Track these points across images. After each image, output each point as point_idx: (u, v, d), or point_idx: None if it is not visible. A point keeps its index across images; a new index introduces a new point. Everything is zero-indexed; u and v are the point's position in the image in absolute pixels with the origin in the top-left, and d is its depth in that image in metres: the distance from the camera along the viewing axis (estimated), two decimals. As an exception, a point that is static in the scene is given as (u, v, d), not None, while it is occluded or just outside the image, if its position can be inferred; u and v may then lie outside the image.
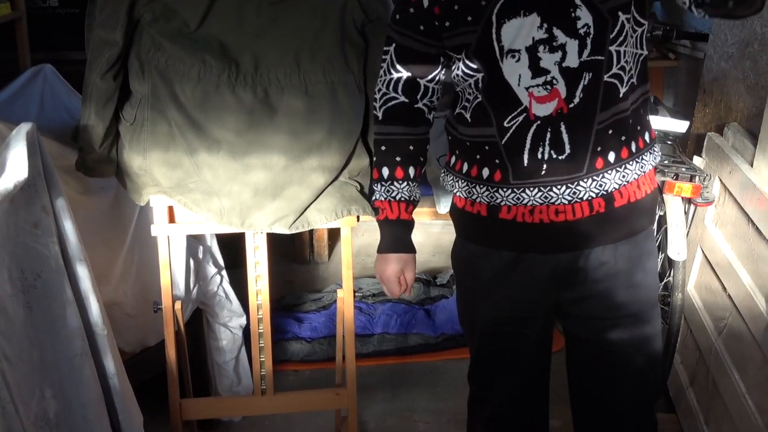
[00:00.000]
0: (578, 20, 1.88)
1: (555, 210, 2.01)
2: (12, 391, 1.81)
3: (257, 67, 2.37)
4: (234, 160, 2.40)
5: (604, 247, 2.06)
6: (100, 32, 2.38)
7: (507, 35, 1.92)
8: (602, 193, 2.00)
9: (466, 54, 1.99)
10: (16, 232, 2.01)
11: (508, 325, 2.20)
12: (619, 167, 2.00)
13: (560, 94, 1.91)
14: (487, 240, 2.14)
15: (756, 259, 2.48)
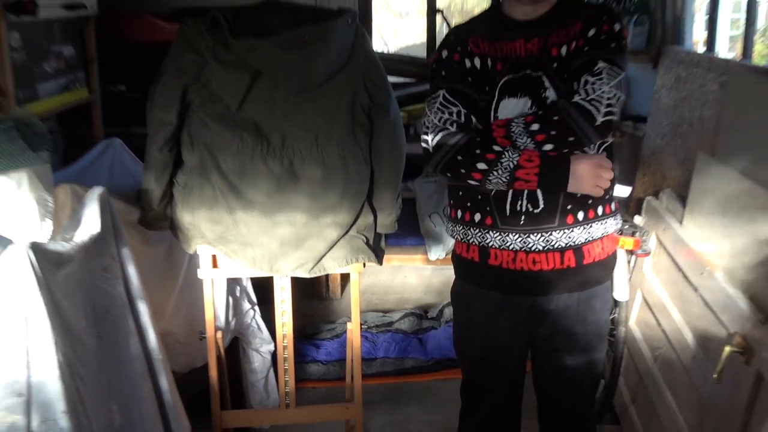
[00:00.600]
0: (547, 100, 1.98)
1: (533, 259, 2.06)
2: (85, 405, 1.84)
3: (284, 142, 2.40)
4: (265, 218, 2.43)
5: (571, 294, 2.12)
6: (158, 113, 2.42)
7: (503, 110, 2.01)
8: (571, 244, 2.05)
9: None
10: (90, 276, 2.05)
11: (494, 352, 2.24)
12: (585, 225, 2.05)
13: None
14: (479, 282, 2.19)
15: (685, 300, 2.52)
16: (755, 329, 1.99)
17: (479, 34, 2.10)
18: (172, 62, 2.43)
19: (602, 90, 1.85)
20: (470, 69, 2.08)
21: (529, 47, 2.03)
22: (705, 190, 2.58)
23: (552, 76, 1.98)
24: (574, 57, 1.96)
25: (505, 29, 2.07)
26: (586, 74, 1.89)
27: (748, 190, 2.29)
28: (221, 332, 2.78)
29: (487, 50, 2.07)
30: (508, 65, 2.04)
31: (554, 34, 2.00)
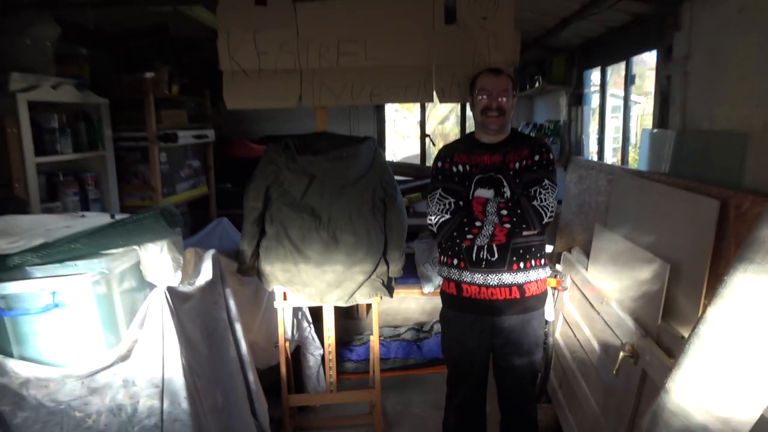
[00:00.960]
0: (504, 193, 2.05)
1: (491, 292, 2.09)
2: (200, 393, 1.81)
3: (330, 220, 2.39)
4: (317, 268, 2.41)
5: (517, 316, 2.12)
6: (250, 202, 2.44)
7: (477, 194, 2.07)
8: (515, 283, 2.08)
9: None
10: (205, 307, 2.03)
11: (468, 354, 2.21)
12: (525, 271, 2.09)
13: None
14: (457, 308, 2.19)
15: (591, 320, 2.46)
16: (640, 341, 1.93)
17: (460, 151, 2.17)
18: (259, 170, 2.45)
19: (548, 201, 2.02)
20: (456, 172, 2.13)
21: (493, 159, 2.11)
22: (601, 248, 2.55)
23: (509, 179, 2.07)
24: (525, 171, 2.07)
25: (477, 148, 2.15)
26: (537, 186, 2.02)
27: (630, 248, 2.26)
28: (288, 342, 2.73)
29: (465, 160, 2.14)
30: (479, 169, 2.11)
31: (510, 153, 2.10)
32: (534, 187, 2.03)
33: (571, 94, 4.27)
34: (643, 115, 6.92)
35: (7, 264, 1.62)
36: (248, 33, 2.38)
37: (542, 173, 2.05)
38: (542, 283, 2.18)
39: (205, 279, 2.04)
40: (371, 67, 2.42)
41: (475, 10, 2.38)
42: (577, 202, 3.16)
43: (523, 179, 2.06)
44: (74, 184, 2.92)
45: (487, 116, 2.08)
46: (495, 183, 2.08)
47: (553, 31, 3.70)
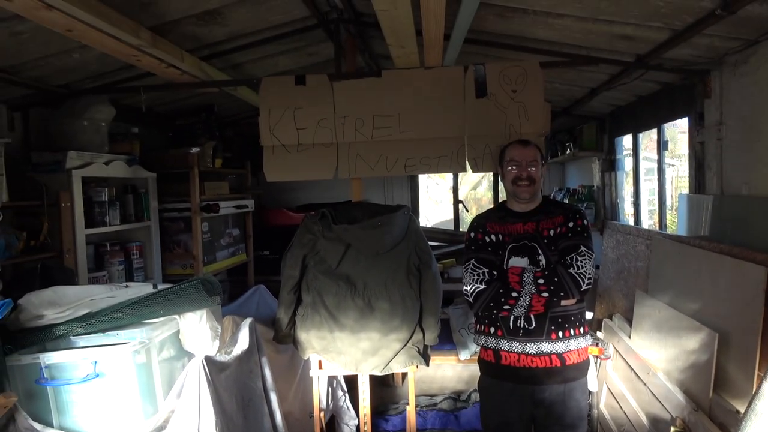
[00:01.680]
0: (540, 261, 2.03)
1: (531, 360, 2.03)
2: (234, 465, 1.76)
3: (365, 287, 2.38)
4: (352, 336, 2.37)
5: (559, 385, 2.04)
6: (288, 270, 2.44)
7: (511, 263, 2.05)
8: (555, 352, 2.02)
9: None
10: (241, 375, 2.02)
11: (508, 426, 2.12)
12: (564, 340, 2.03)
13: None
14: (495, 376, 2.13)
15: (638, 392, 2.33)
16: (691, 415, 1.82)
17: (492, 221, 2.17)
18: (297, 239, 2.48)
19: (585, 267, 1.99)
20: (489, 242, 2.13)
21: (526, 228, 2.10)
22: (644, 315, 2.45)
23: (543, 247, 2.06)
24: (560, 238, 2.05)
25: (510, 217, 2.15)
26: (573, 253, 2.00)
27: (674, 315, 2.17)
28: (323, 412, 2.66)
29: (498, 229, 2.14)
30: (512, 238, 2.10)
31: (543, 221, 2.10)
32: (570, 254, 2.00)
33: (604, 159, 4.26)
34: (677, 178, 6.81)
35: (54, 333, 1.66)
36: (288, 110, 2.49)
37: (577, 240, 2.03)
38: (583, 352, 2.10)
39: (242, 348, 2.04)
40: (405, 140, 2.48)
41: (504, 84, 2.44)
42: (616, 267, 3.08)
43: (558, 246, 2.04)
44: (120, 253, 3.01)
45: (518, 185, 2.10)
46: (529, 251, 2.06)
47: (582, 100, 3.75)
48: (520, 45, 2.72)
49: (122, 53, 2.22)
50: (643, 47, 2.49)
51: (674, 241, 2.45)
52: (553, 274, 1.97)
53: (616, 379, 2.62)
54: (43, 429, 1.62)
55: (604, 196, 4.28)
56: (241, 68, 3.11)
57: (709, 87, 2.53)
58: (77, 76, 2.69)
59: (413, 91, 2.48)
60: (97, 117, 2.80)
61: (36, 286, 1.94)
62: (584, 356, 2.11)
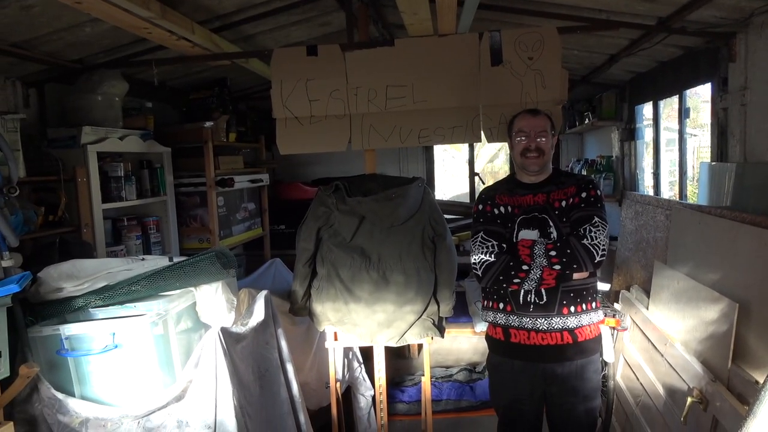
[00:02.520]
0: (551, 234, 1.96)
1: (542, 337, 1.98)
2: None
3: (380, 259, 2.37)
4: (368, 308, 2.38)
5: (571, 362, 2.00)
6: (302, 243, 2.45)
7: (521, 236, 2.00)
8: (566, 328, 1.97)
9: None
10: (257, 347, 2.04)
11: (518, 404, 2.10)
12: (576, 315, 1.97)
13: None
14: (505, 354, 2.09)
15: (655, 363, 2.31)
16: (708, 385, 1.80)
17: (501, 192, 2.12)
18: (311, 212, 2.48)
19: (599, 239, 1.92)
20: (498, 214, 2.08)
21: (536, 199, 2.05)
22: (662, 286, 2.42)
23: (554, 219, 2.00)
24: (572, 209, 1.99)
25: (519, 188, 2.10)
26: (587, 224, 1.93)
27: (693, 286, 2.14)
28: (339, 383, 2.68)
29: (507, 201, 2.09)
30: (522, 210, 2.04)
31: (553, 192, 2.04)
32: (583, 225, 1.94)
33: (623, 129, 4.16)
34: (699, 148, 6.65)
35: (72, 306, 1.69)
36: (300, 82, 2.46)
37: (591, 210, 1.97)
38: (595, 327, 2.06)
39: (258, 319, 2.05)
40: (419, 110, 2.44)
41: (520, 52, 2.38)
42: (634, 238, 3.03)
43: (571, 218, 1.98)
44: (137, 228, 3.04)
45: (527, 157, 2.03)
46: (539, 223, 2.00)
47: (601, 67, 3.65)
48: (537, 10, 2.65)
49: (132, 26, 2.20)
50: (665, 9, 2.39)
51: (695, 210, 2.39)
52: (566, 245, 1.91)
53: (633, 350, 2.60)
54: (64, 398, 1.67)
55: (623, 166, 4.20)
56: (252, 40, 3.07)
57: (735, 50, 2.44)
58: (90, 51, 2.68)
59: (427, 60, 2.43)
60: (110, 92, 2.80)
61: (55, 260, 1.97)
62: (597, 331, 2.06)
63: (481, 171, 6.88)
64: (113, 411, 1.68)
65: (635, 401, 2.51)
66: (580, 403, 2.03)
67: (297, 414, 2.20)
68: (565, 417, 2.06)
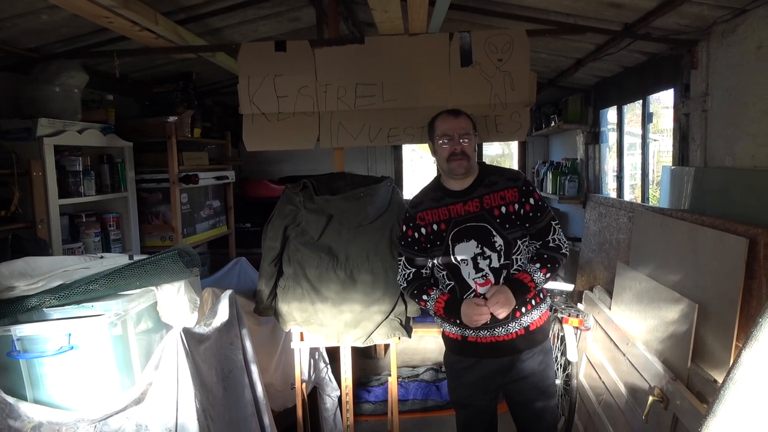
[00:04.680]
0: (495, 242, 1.91)
1: (496, 336, 1.98)
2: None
3: (347, 259, 2.35)
4: (334, 308, 2.36)
5: (526, 352, 1.99)
6: (269, 242, 2.42)
7: (459, 252, 1.95)
8: (521, 326, 1.97)
9: (438, 262, 2.01)
10: (220, 348, 1.99)
11: (472, 399, 2.10)
12: (528, 313, 1.98)
13: (491, 281, 1.92)
14: (461, 352, 2.08)
15: (617, 362, 2.36)
16: (669, 384, 1.84)
17: (426, 207, 2.03)
18: (278, 210, 2.44)
19: (563, 238, 1.96)
20: (420, 237, 2.03)
21: (467, 208, 1.97)
22: (624, 287, 2.47)
23: (497, 227, 1.93)
24: (520, 218, 1.94)
25: (447, 197, 2.01)
26: (551, 234, 1.96)
27: (654, 287, 2.18)
28: (305, 383, 2.65)
29: (431, 219, 2.01)
30: (452, 223, 1.97)
31: (486, 197, 1.96)
32: (547, 235, 1.96)
33: (588, 132, 4.24)
34: (659, 152, 6.85)
35: (25, 305, 1.61)
36: (268, 78, 2.42)
37: (545, 217, 1.96)
38: (545, 315, 2.05)
39: (222, 320, 2.00)
40: (388, 109, 2.43)
41: (490, 53, 2.39)
42: (598, 240, 3.09)
43: (530, 230, 1.96)
44: (96, 224, 2.94)
45: (453, 161, 1.94)
46: (477, 233, 1.93)
47: (567, 71, 3.71)
48: (507, 12, 2.67)
49: (92, 14, 2.12)
50: (631, 15, 2.45)
51: (656, 213, 2.45)
52: (552, 261, 1.93)
53: (596, 349, 2.65)
54: (15, 402, 1.59)
55: (587, 169, 4.28)
56: (219, 34, 3.00)
57: (696, 57, 2.51)
58: (47, 39, 2.58)
59: (397, 59, 2.41)
60: (69, 83, 2.69)
61: (7, 257, 1.88)
62: (545, 317, 2.05)
63: (449, 171, 6.93)
64: (68, 415, 1.61)
65: (597, 400, 2.55)
66: (537, 394, 2.03)
67: (261, 415, 2.16)
68: (524, 409, 2.07)
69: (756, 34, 2.07)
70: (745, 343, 1.31)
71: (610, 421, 2.36)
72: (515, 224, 1.93)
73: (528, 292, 1.92)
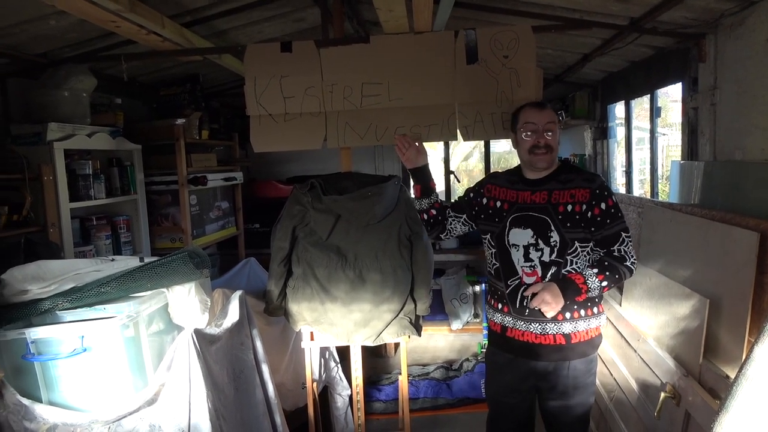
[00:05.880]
0: (551, 238, 1.88)
1: (534, 336, 1.94)
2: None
3: (356, 258, 2.36)
4: (344, 307, 2.37)
5: (562, 364, 1.93)
6: (278, 242, 2.42)
7: (513, 237, 1.93)
8: (561, 333, 1.91)
9: (490, 238, 2.02)
10: (231, 348, 2.01)
11: (502, 396, 2.09)
12: (572, 321, 1.91)
13: (538, 274, 1.89)
14: (499, 346, 2.06)
15: (628, 358, 2.35)
16: (681, 380, 1.83)
17: (497, 183, 2.06)
18: (286, 211, 2.45)
19: (632, 253, 1.87)
20: (472, 198, 2.11)
21: (534, 198, 1.94)
22: (634, 283, 2.46)
23: (557, 224, 1.88)
24: (587, 221, 1.87)
25: (520, 183, 2.01)
26: (617, 244, 1.86)
27: (665, 283, 2.17)
28: (316, 383, 2.66)
29: (497, 194, 2.03)
30: (515, 207, 1.96)
31: (555, 192, 1.92)
32: (613, 245, 1.85)
33: (596, 127, 4.22)
34: (668, 146, 6.81)
35: (39, 308, 1.63)
36: (274, 79, 2.42)
37: (617, 225, 1.86)
38: (593, 331, 1.96)
39: (232, 320, 2.02)
40: (395, 108, 2.43)
41: (496, 50, 2.38)
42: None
43: (596, 236, 1.88)
44: (107, 227, 2.97)
45: (535, 154, 1.91)
46: (535, 224, 1.90)
47: (574, 67, 3.69)
48: (512, 9, 2.66)
49: (99, 19, 2.14)
50: (637, 9, 2.43)
51: (666, 208, 2.44)
52: (614, 270, 1.84)
53: (607, 346, 2.63)
54: (31, 404, 1.61)
55: (595, 164, 4.26)
56: (225, 35, 3.01)
57: (704, 51, 2.49)
58: (55, 44, 2.60)
59: (402, 58, 2.41)
60: (78, 87, 2.72)
61: (20, 261, 1.90)
62: (593, 334, 1.96)
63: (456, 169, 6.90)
64: (82, 416, 1.63)
65: (609, 396, 2.54)
66: (571, 404, 1.98)
67: (273, 415, 2.17)
68: (555, 416, 2.04)
69: (764, 27, 2.05)
70: (757, 338, 1.31)
71: (621, 418, 2.35)
72: (578, 225, 1.87)
73: (578, 294, 1.83)
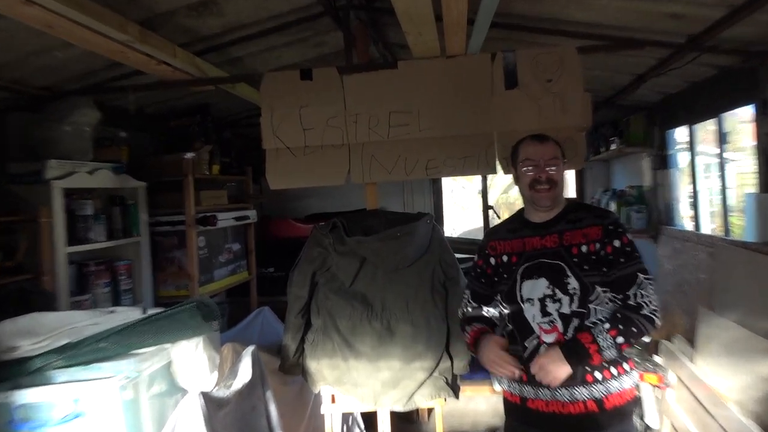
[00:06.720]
0: (568, 285, 1.83)
1: (562, 405, 1.85)
2: None
3: (383, 308, 2.34)
4: (370, 365, 2.33)
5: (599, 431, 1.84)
6: (295, 290, 2.42)
7: (526, 290, 1.88)
8: (592, 397, 1.82)
9: (500, 298, 1.96)
10: (242, 413, 1.98)
11: None
12: (603, 382, 1.83)
13: (558, 330, 1.83)
14: (520, 420, 1.97)
15: (705, 425, 2.24)
16: (770, 455, 1.72)
17: (500, 236, 2.02)
18: (305, 254, 2.46)
19: (653, 299, 1.81)
20: (485, 269, 2.02)
21: (544, 242, 1.92)
22: (709, 336, 2.37)
23: (573, 267, 1.85)
24: (600, 261, 1.84)
25: (526, 228, 1.98)
26: (634, 287, 1.80)
27: (746, 336, 2.09)
28: (339, 452, 2.59)
29: (503, 249, 1.99)
30: (524, 257, 1.93)
31: (567, 233, 1.90)
32: (629, 288, 1.80)
33: (655, 155, 4.16)
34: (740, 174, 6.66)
35: (29, 368, 1.63)
36: (293, 109, 2.47)
37: (632, 266, 1.82)
38: (628, 393, 1.89)
39: (243, 381, 2.00)
40: (426, 138, 2.44)
41: (538, 73, 2.39)
42: (674, 280, 2.99)
43: (609, 276, 1.84)
44: (106, 273, 3.00)
45: (537, 190, 1.91)
46: (549, 271, 1.87)
47: (627, 88, 3.67)
48: (555, 28, 2.67)
49: (108, 50, 2.22)
50: (695, 27, 2.41)
51: (741, 248, 2.36)
52: (629, 322, 1.77)
53: (680, 411, 2.52)
54: (17, 477, 1.60)
55: (656, 197, 4.18)
56: (239, 63, 3.09)
57: (777, 69, 2.44)
58: (60, 77, 2.70)
59: (434, 84, 2.44)
60: (81, 121, 2.80)
61: (12, 313, 1.92)
62: (628, 396, 1.90)
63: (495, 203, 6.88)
64: (73, 492, 1.61)
65: (683, 471, 2.42)
66: None
67: (289, 489, 2.12)
68: None
69: None
70: None
71: (699, 498, 2.23)
72: (597, 267, 1.84)
73: (587, 358, 1.78)
